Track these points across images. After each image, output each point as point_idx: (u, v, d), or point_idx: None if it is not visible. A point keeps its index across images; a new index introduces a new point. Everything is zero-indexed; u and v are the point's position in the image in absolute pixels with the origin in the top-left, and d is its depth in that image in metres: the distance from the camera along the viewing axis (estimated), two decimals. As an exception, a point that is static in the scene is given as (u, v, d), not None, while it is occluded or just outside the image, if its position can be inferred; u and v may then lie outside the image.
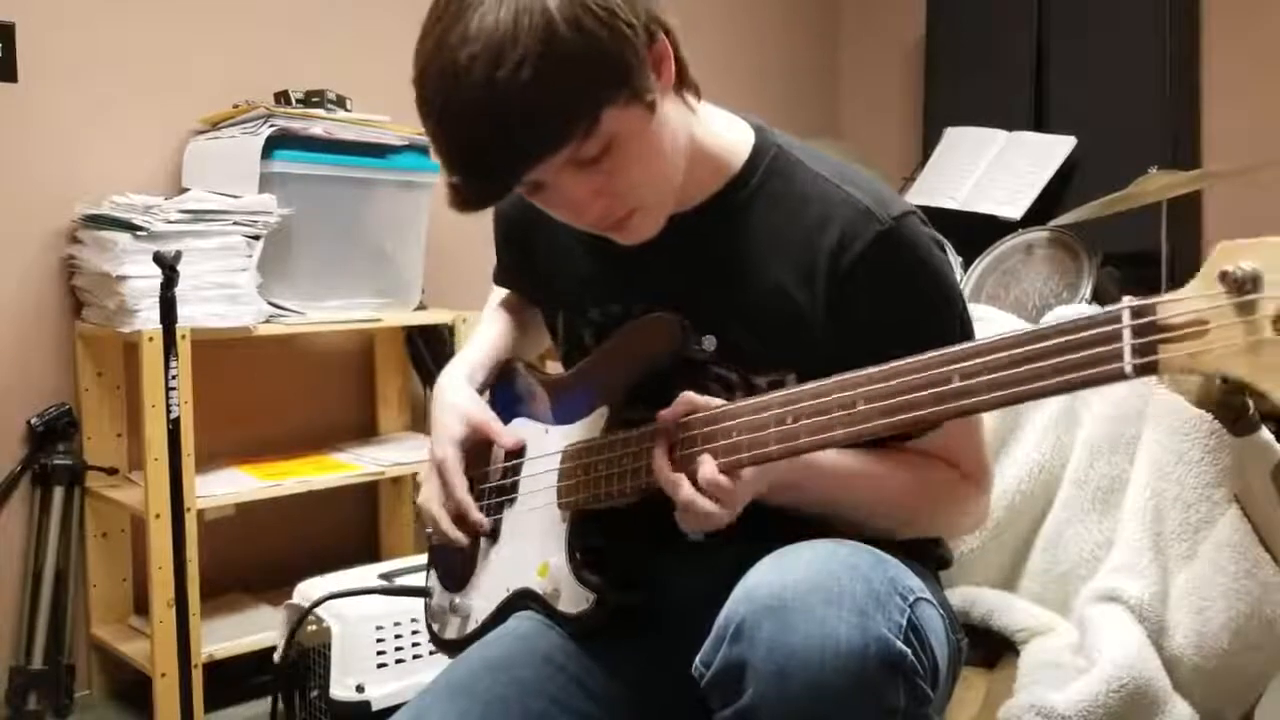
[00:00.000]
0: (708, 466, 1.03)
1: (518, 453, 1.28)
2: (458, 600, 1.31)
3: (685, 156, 1.11)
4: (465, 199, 1.04)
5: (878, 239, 1.10)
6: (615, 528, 1.17)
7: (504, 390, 1.35)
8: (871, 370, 0.96)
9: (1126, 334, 0.81)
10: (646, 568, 1.17)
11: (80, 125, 2.40)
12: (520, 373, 1.36)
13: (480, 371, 1.35)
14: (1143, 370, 0.80)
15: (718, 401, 1.07)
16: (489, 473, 1.30)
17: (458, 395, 1.30)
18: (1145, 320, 0.80)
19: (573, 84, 0.97)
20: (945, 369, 0.91)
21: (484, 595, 1.28)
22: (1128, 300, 0.81)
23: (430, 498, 1.27)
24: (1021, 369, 0.87)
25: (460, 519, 1.24)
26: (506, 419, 1.30)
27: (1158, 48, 3.13)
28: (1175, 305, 0.79)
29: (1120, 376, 0.81)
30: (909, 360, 0.94)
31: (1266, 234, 0.78)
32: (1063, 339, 0.84)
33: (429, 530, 1.36)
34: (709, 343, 1.16)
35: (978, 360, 0.89)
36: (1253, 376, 0.75)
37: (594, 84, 0.98)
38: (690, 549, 1.10)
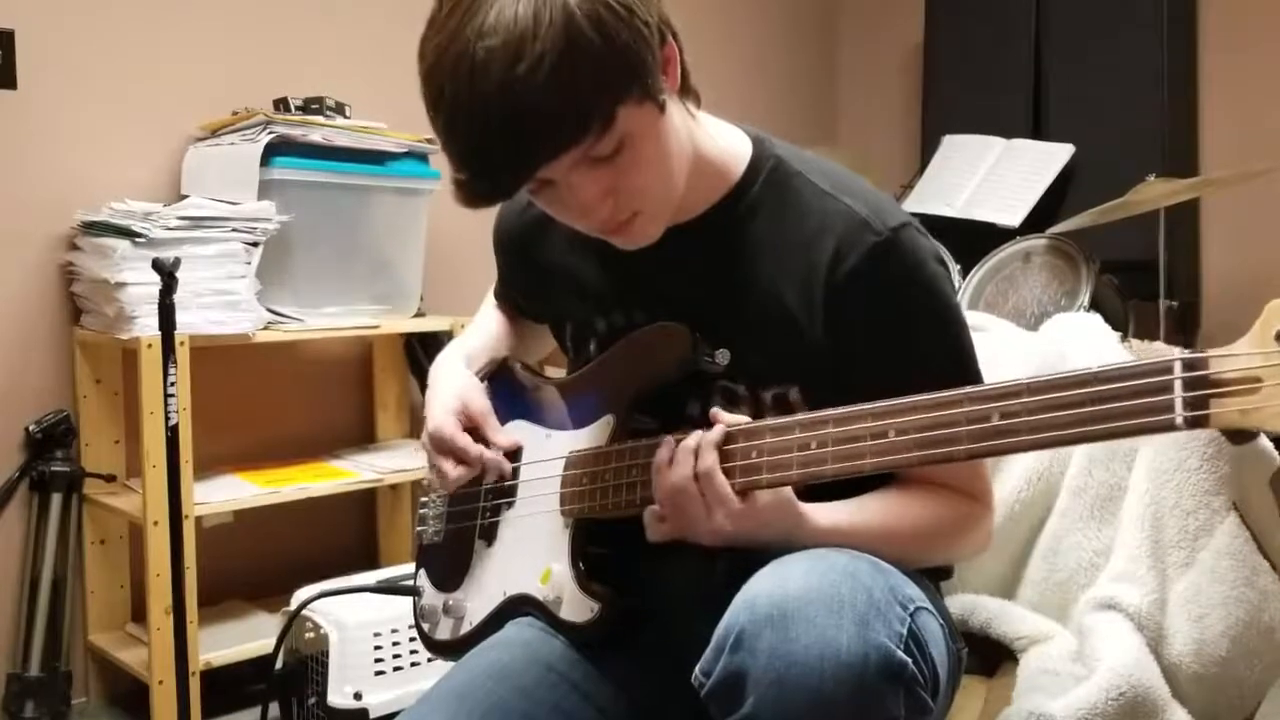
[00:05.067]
0: (708, 459, 1.03)
1: (514, 455, 1.28)
2: (451, 601, 1.30)
3: (688, 162, 1.11)
4: (473, 196, 1.03)
5: (873, 250, 1.10)
6: (617, 535, 1.17)
7: (501, 388, 1.34)
8: (904, 401, 0.95)
9: (1178, 386, 0.81)
10: (647, 575, 1.17)
11: (79, 132, 2.40)
12: (518, 373, 1.36)
13: (478, 360, 1.35)
14: (1193, 423, 0.81)
15: (741, 419, 1.06)
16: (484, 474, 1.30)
17: (458, 380, 1.30)
18: (1197, 374, 0.81)
19: (591, 81, 0.97)
20: (984, 406, 0.91)
21: (480, 597, 1.28)
22: (1179, 352, 0.82)
23: (442, 467, 1.25)
24: (1065, 413, 0.86)
25: (485, 463, 1.22)
26: (502, 418, 1.29)
27: (1155, 56, 3.13)
28: (1228, 360, 0.80)
29: (1170, 428, 0.82)
30: (944, 394, 0.93)
31: (1264, 240, 0.79)
32: (1110, 386, 0.85)
33: (420, 528, 1.35)
34: (722, 356, 1.15)
35: (1018, 401, 0.89)
36: None
37: (612, 81, 0.98)
38: (691, 556, 1.10)
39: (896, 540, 1.10)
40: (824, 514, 1.07)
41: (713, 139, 1.16)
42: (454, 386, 1.28)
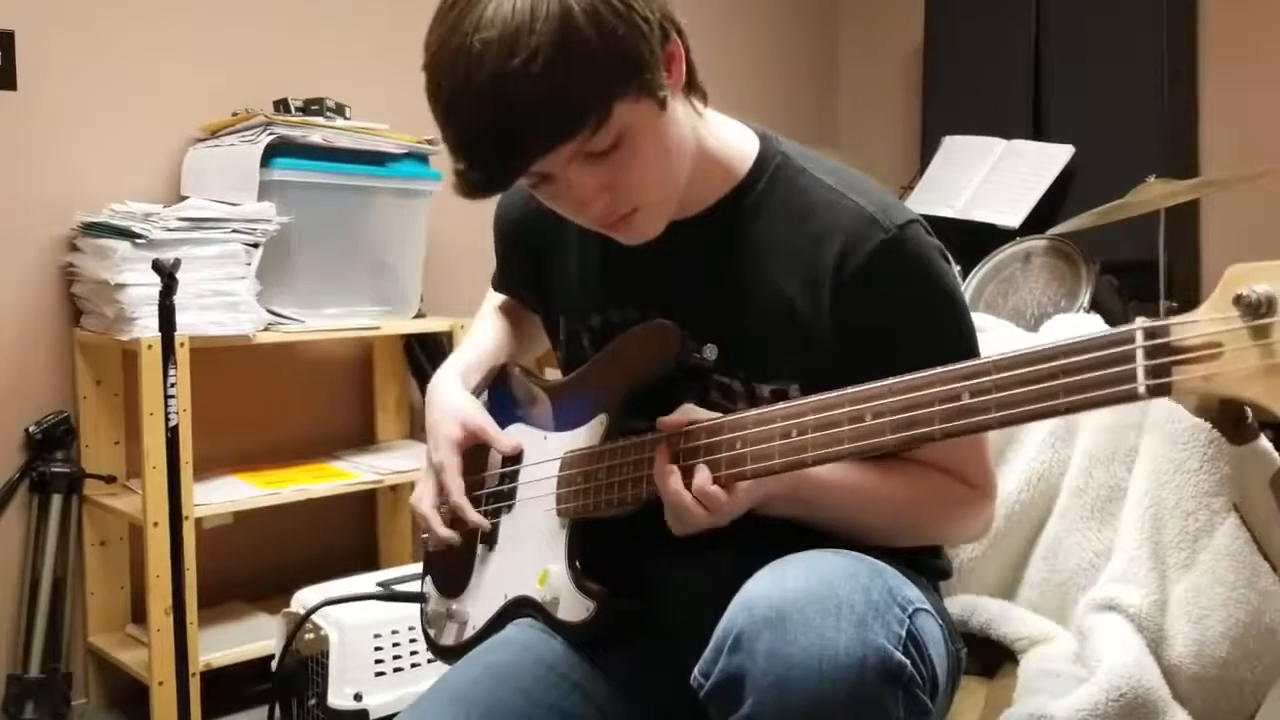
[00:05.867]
0: (701, 475, 1.03)
1: (515, 458, 1.28)
2: (455, 606, 1.31)
3: (691, 159, 1.11)
4: (471, 187, 1.03)
5: (881, 247, 1.10)
6: (614, 534, 1.17)
7: (500, 394, 1.35)
8: (879, 384, 0.96)
9: (1139, 354, 0.81)
10: (646, 575, 1.17)
11: (79, 133, 2.40)
12: (517, 377, 1.36)
13: (475, 374, 1.35)
14: (1156, 391, 0.80)
15: (714, 414, 1.07)
16: (485, 478, 1.30)
17: (454, 398, 1.30)
18: (1159, 341, 0.80)
19: (586, 76, 0.97)
20: (954, 385, 0.91)
21: (481, 602, 1.28)
22: (1141, 321, 0.81)
23: (421, 498, 1.27)
24: (1032, 388, 0.86)
25: (457, 521, 1.24)
26: (503, 423, 1.30)
27: (1155, 57, 3.13)
28: (1189, 327, 0.79)
29: (1133, 397, 0.81)
30: (917, 375, 0.94)
31: (1264, 242, 0.78)
32: (1074, 358, 0.84)
33: (425, 535, 1.36)
34: (710, 351, 1.15)
35: (987, 378, 0.89)
36: (1267, 400, 0.75)
37: (607, 76, 0.98)
38: (690, 556, 1.10)
39: (891, 504, 1.12)
40: (824, 470, 1.07)
41: (718, 136, 1.17)
42: (451, 408, 1.29)
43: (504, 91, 0.96)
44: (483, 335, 1.41)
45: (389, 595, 1.93)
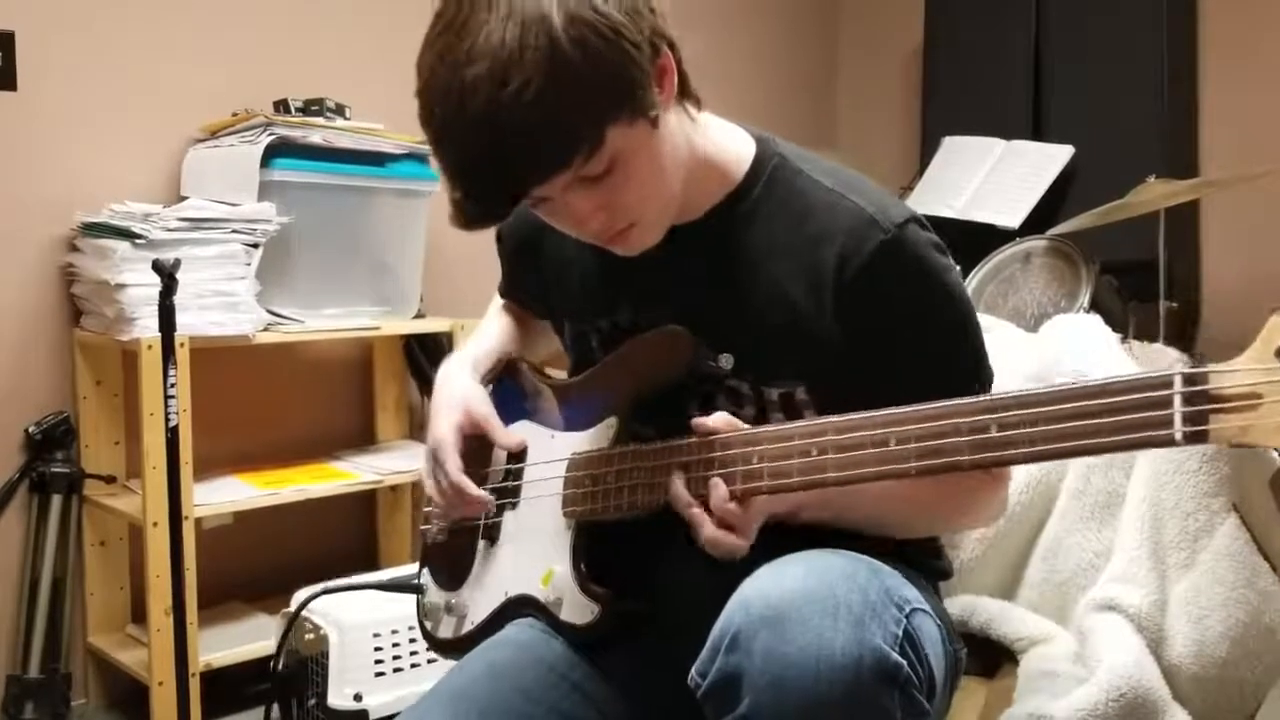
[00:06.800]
0: (718, 492, 1.03)
1: (519, 455, 1.28)
2: (453, 600, 1.31)
3: (686, 168, 1.11)
4: (468, 217, 1.03)
5: (882, 247, 1.10)
6: (619, 537, 1.17)
7: (507, 388, 1.35)
8: (905, 410, 0.95)
9: (1177, 401, 0.81)
10: (648, 574, 1.17)
11: (79, 133, 2.40)
12: (525, 373, 1.36)
13: (484, 366, 1.35)
14: (1192, 438, 0.80)
15: (733, 421, 1.07)
16: (489, 473, 1.30)
17: (461, 385, 1.30)
18: (1198, 389, 0.81)
19: (577, 105, 0.97)
20: (983, 417, 0.91)
21: (481, 596, 1.28)
22: (1180, 367, 0.82)
23: (428, 480, 1.27)
24: (1064, 425, 0.86)
25: (460, 497, 1.22)
26: (508, 418, 1.30)
27: (1155, 57, 3.13)
28: (1228, 376, 0.79)
29: (1169, 443, 0.82)
30: (943, 404, 0.93)
31: (1264, 242, 0.78)
32: (1109, 399, 0.84)
33: (425, 527, 1.36)
34: (725, 360, 1.15)
35: (1018, 412, 0.89)
36: None
37: (599, 105, 0.98)
38: (691, 557, 1.10)
39: (913, 503, 1.13)
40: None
41: (714, 141, 1.17)
42: (457, 394, 1.29)
43: (498, 119, 0.95)
44: (491, 332, 1.41)
45: (384, 585, 1.92)
